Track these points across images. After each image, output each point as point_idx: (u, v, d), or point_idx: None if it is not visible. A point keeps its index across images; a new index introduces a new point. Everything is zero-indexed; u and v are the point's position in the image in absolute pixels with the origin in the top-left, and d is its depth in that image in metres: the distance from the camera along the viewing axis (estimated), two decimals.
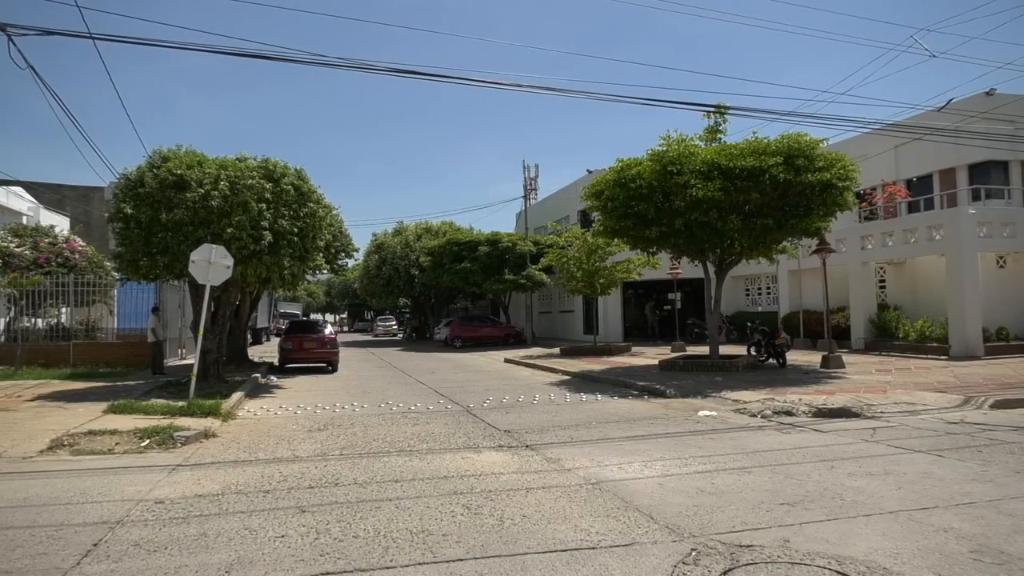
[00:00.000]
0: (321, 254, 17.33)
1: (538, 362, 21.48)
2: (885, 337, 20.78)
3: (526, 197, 38.57)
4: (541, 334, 37.40)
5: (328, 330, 22.23)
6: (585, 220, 31.10)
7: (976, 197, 21.88)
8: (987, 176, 22.34)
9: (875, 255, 21.70)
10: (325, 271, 23.20)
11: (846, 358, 17.28)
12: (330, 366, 20.63)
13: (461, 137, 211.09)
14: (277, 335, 42.03)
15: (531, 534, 4.82)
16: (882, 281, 22.59)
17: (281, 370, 20.58)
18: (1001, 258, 20.33)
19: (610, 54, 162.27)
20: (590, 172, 32.05)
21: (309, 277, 20.95)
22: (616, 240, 19.54)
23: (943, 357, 18.14)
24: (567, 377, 17.33)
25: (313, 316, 76.86)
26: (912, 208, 23.32)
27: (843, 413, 10.06)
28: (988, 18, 29.44)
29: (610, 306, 31.09)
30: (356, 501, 5.80)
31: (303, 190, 15.18)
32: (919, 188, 24.17)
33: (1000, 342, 18.80)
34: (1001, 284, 20.02)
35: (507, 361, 23.46)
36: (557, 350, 25.79)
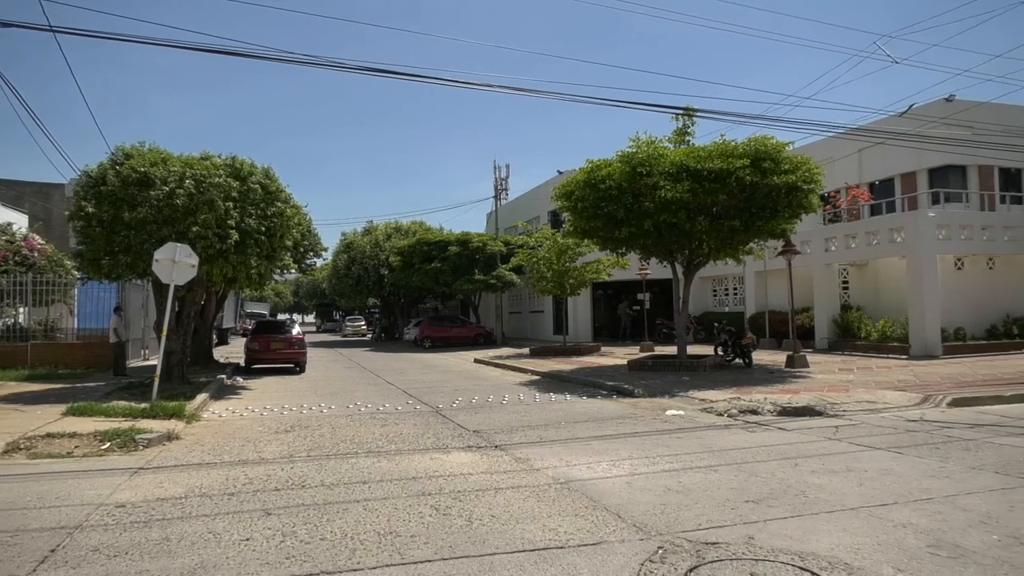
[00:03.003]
0: (289, 253, 17.13)
1: (508, 362, 21.50)
2: (848, 337, 21.19)
3: (497, 197, 38.57)
4: (511, 334, 37.43)
5: (296, 330, 21.96)
6: (555, 220, 31.21)
7: (936, 201, 22.44)
8: (946, 180, 22.91)
9: (839, 257, 22.12)
10: (293, 271, 22.93)
11: (810, 358, 17.59)
12: (297, 367, 20.40)
13: (432, 137, 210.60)
14: (244, 335, 41.43)
15: (499, 534, 4.82)
16: (845, 282, 23.04)
17: (247, 371, 20.28)
18: (959, 260, 20.87)
19: (581, 56, 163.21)
20: (560, 173, 32.18)
21: (277, 277, 20.67)
22: (586, 240, 19.65)
23: (903, 357, 18.55)
24: (536, 377, 17.37)
25: (281, 316, 75.92)
26: (874, 211, 23.86)
27: (807, 412, 10.24)
28: (947, 26, 30.19)
29: (580, 306, 31.23)
30: (323, 503, 5.75)
31: (271, 189, 14.99)
32: (881, 191, 24.71)
33: (958, 342, 19.29)
34: (959, 286, 20.55)
35: (477, 361, 23.43)
36: (527, 350, 25.83)
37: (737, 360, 17.42)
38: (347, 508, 5.57)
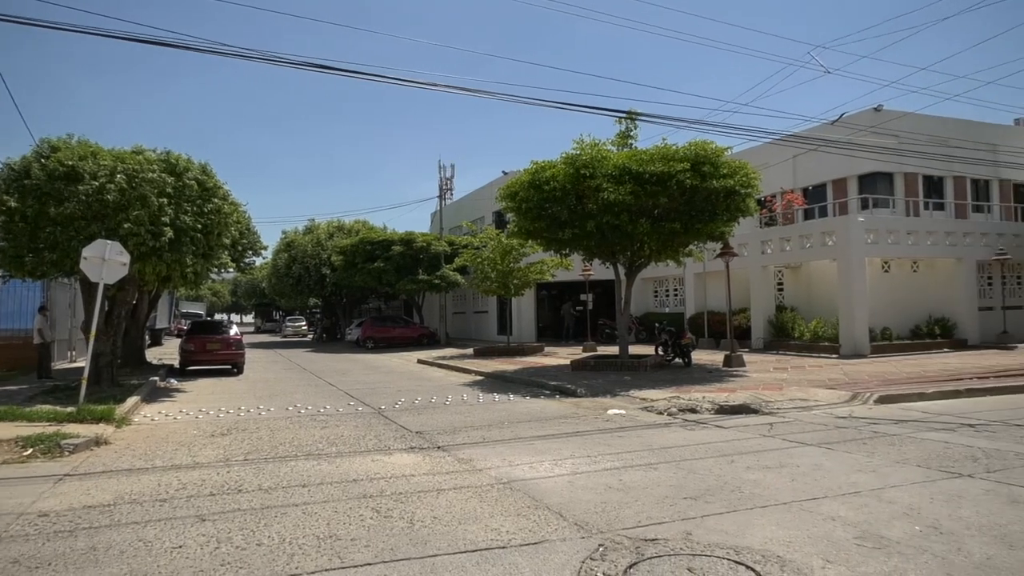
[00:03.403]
0: (227, 252, 16.70)
1: (451, 363, 21.43)
2: (783, 337, 21.88)
3: (441, 197, 38.40)
4: (455, 335, 37.33)
5: (233, 330, 21.42)
6: (500, 221, 31.27)
7: (865, 206, 23.39)
8: (874, 186, 23.90)
9: (774, 259, 22.82)
10: (231, 270, 22.34)
11: (747, 357, 18.08)
12: (235, 368, 19.90)
13: (377, 135, 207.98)
14: (178, 336, 40.13)
15: (441, 535, 4.80)
16: (780, 284, 23.79)
17: (182, 373, 19.67)
18: (886, 263, 21.80)
19: (527, 57, 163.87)
20: (505, 173, 32.24)
21: (214, 276, 20.11)
22: (530, 241, 19.76)
23: (834, 356, 19.25)
24: (480, 378, 17.36)
25: (218, 316, 73.95)
26: (808, 215, 24.70)
27: (743, 410, 10.52)
28: (876, 39, 31.58)
29: (524, 307, 31.37)
30: (260, 508, 5.61)
31: (208, 185, 14.58)
32: (814, 196, 25.59)
33: (884, 341, 20.14)
34: (886, 288, 21.48)
35: (420, 362, 23.29)
36: (471, 351, 25.80)
37: (677, 360, 17.77)
38: (285, 512, 5.46)
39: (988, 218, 25.07)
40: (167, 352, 29.25)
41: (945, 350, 20.19)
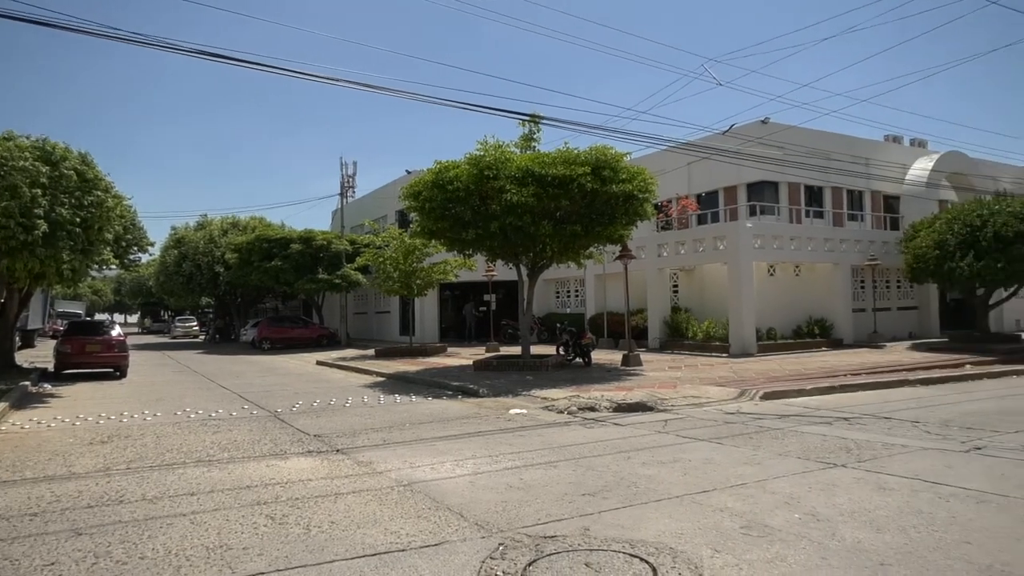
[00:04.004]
0: (109, 248, 15.72)
1: (352, 364, 21.02)
2: (677, 337, 22.76)
3: (343, 195, 37.53)
4: (356, 335, 36.63)
5: (116, 331, 20.14)
6: (403, 220, 30.95)
7: (753, 213, 24.65)
8: (761, 194, 25.23)
9: (670, 262, 23.71)
10: (114, 267, 21.02)
11: (644, 356, 18.69)
12: (118, 371, 18.71)
13: (277, 131, 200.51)
14: (54, 337, 37.35)
15: (339, 541, 4.69)
16: (675, 286, 24.76)
17: (57, 377, 18.29)
18: (771, 267, 23.10)
19: (432, 57, 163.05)
20: (409, 172, 31.93)
21: (94, 273, 18.88)
22: (433, 241, 19.67)
23: (724, 355, 20.20)
24: (381, 379, 17.11)
25: (99, 316, 69.40)
26: (701, 220, 25.79)
27: (640, 407, 10.87)
28: (765, 55, 33.36)
29: (427, 307, 31.17)
30: (144, 519, 5.31)
31: (88, 176, 13.68)
32: (707, 202, 26.77)
33: (770, 341, 21.33)
34: (771, 290, 22.76)
35: (319, 363, 22.72)
36: (372, 351, 25.40)
37: (578, 359, 18.14)
38: (172, 523, 5.19)
39: (861, 226, 26.98)
40: (40, 355, 27.19)
41: (823, 349, 21.59)
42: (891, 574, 3.95)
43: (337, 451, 7.97)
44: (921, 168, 27.55)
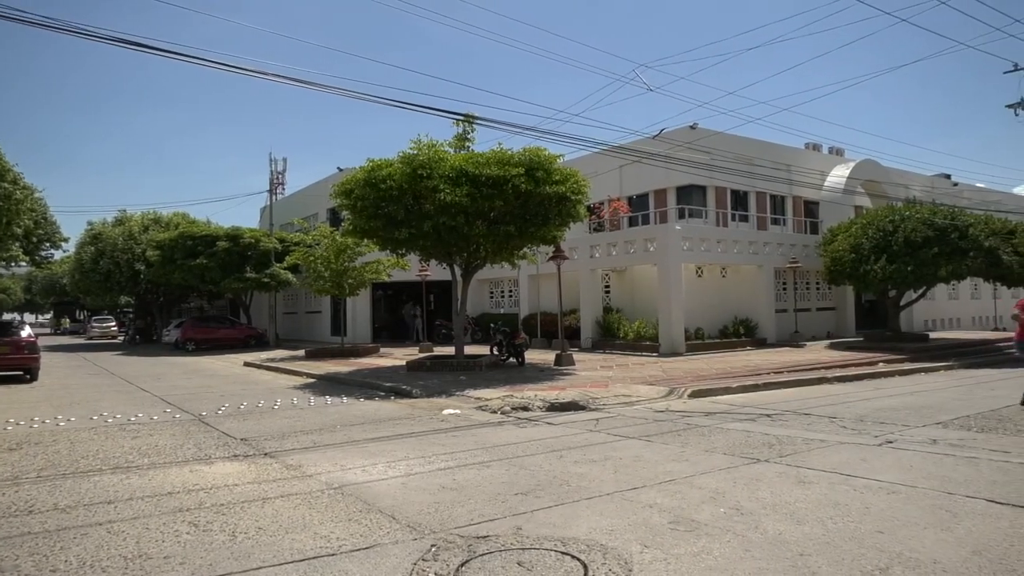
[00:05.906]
0: (18, 243, 14.90)
1: (281, 365, 20.52)
2: (609, 337, 23.12)
3: (272, 192, 36.60)
4: (286, 336, 35.78)
5: (26, 331, 19.05)
6: (335, 219, 30.37)
7: (682, 215, 25.30)
8: (690, 198, 25.91)
9: (602, 263, 24.07)
10: (24, 263, 19.90)
11: (577, 356, 18.91)
12: (28, 374, 17.71)
13: (203, 124, 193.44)
14: None
15: (266, 547, 4.57)
16: (607, 287, 25.15)
17: None
18: (699, 268, 23.75)
19: (366, 54, 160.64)
20: (341, 170, 31.36)
21: (2, 270, 17.83)
22: (366, 240, 19.39)
23: (655, 354, 20.64)
24: (312, 380, 16.76)
25: (7, 316, 65.55)
26: (632, 222, 26.28)
27: (572, 406, 10.99)
28: (693, 62, 34.31)
29: (359, 307, 30.71)
30: (56, 529, 5.04)
31: None
32: (638, 205, 27.30)
33: (698, 340, 21.91)
34: (699, 291, 23.41)
35: (247, 364, 22.09)
36: (302, 352, 24.85)
37: (511, 359, 18.21)
38: (87, 533, 4.95)
39: (783, 230, 28.03)
40: None
41: (748, 348, 22.32)
42: (810, 564, 4.12)
43: (265, 454, 7.76)
44: (838, 175, 28.82)
